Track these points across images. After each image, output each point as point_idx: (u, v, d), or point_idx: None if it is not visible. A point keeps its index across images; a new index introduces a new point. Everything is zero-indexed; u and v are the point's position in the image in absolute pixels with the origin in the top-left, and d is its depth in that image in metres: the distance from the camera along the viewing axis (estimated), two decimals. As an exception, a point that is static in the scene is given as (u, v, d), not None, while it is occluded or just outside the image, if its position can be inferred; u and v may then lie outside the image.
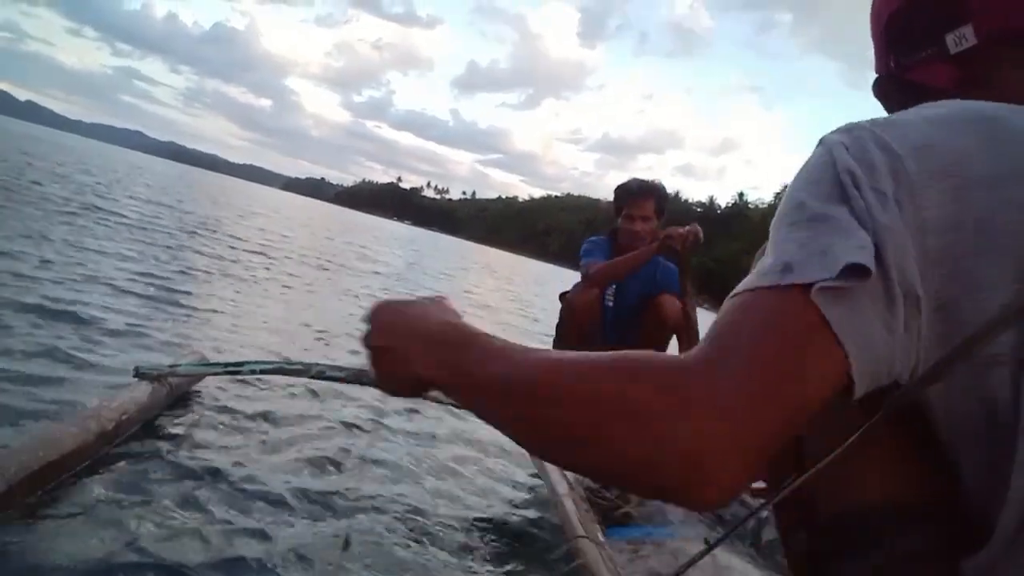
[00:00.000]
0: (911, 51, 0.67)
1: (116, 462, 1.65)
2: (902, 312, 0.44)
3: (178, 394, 2.12)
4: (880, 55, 0.72)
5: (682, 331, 2.62)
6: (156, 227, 7.61)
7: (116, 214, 7.89)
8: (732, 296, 0.46)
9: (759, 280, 0.45)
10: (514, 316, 9.76)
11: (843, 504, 0.55)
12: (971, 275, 0.45)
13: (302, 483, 1.84)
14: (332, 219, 40.28)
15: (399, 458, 2.25)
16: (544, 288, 19.86)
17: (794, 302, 0.43)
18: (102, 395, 1.93)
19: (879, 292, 0.43)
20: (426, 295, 0.67)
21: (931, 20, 0.64)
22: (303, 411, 2.46)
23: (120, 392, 1.86)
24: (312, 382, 2.55)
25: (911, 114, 0.54)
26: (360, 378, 2.14)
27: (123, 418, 1.73)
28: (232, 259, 6.74)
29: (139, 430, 1.84)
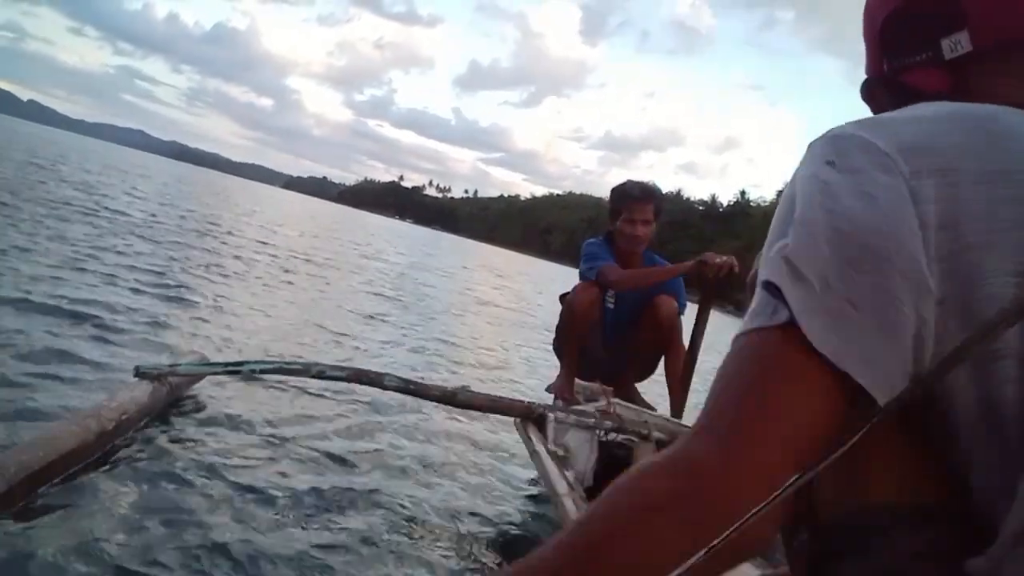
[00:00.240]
0: (905, 54, 0.66)
1: (116, 461, 1.65)
2: (910, 315, 0.45)
3: (178, 394, 2.13)
4: (872, 57, 0.71)
5: (676, 336, 2.60)
6: (158, 226, 7.63)
7: (119, 212, 7.92)
8: (734, 339, 0.49)
9: (751, 321, 0.47)
10: (514, 313, 9.82)
11: (845, 504, 0.54)
12: (969, 271, 0.45)
13: (302, 482, 1.84)
14: (335, 218, 40.33)
15: (399, 457, 2.25)
16: (545, 286, 19.87)
17: (780, 341, 0.45)
18: (102, 394, 1.94)
19: (875, 305, 0.45)
20: None
21: (927, 24, 0.64)
22: (303, 410, 2.46)
23: (120, 392, 1.86)
24: (312, 381, 2.55)
25: (901, 113, 0.54)
26: (360, 377, 2.14)
27: (123, 418, 1.74)
28: (235, 258, 6.76)
29: (139, 430, 1.84)
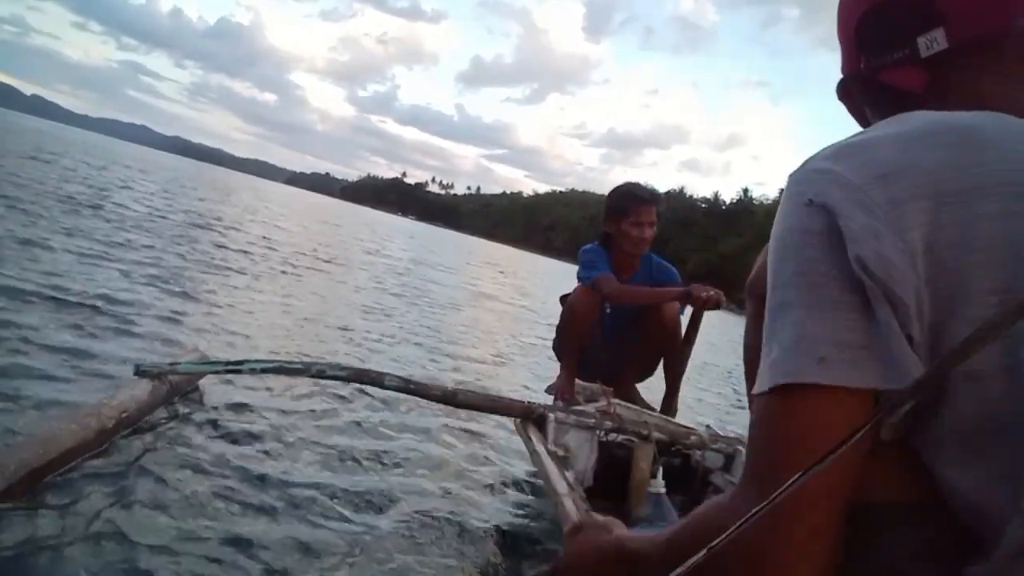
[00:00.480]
0: (882, 52, 0.66)
1: (116, 459, 1.65)
2: (901, 346, 0.47)
3: (178, 392, 2.13)
4: (849, 55, 0.71)
5: (678, 337, 2.62)
6: (161, 222, 7.64)
7: (122, 207, 7.93)
8: (755, 395, 0.52)
9: (771, 378, 0.50)
10: (515, 308, 9.84)
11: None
12: (951, 294, 0.46)
13: (302, 480, 1.84)
14: (338, 214, 40.36)
15: (399, 456, 2.26)
16: (546, 282, 19.89)
17: (807, 402, 0.48)
18: (102, 393, 1.94)
19: (884, 341, 0.47)
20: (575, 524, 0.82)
21: (903, 22, 0.63)
22: (302, 410, 2.46)
23: (120, 390, 1.86)
24: (312, 381, 2.55)
25: (877, 133, 0.53)
26: (360, 377, 2.14)
27: (123, 416, 1.74)
28: (237, 253, 6.75)
29: (139, 428, 1.84)
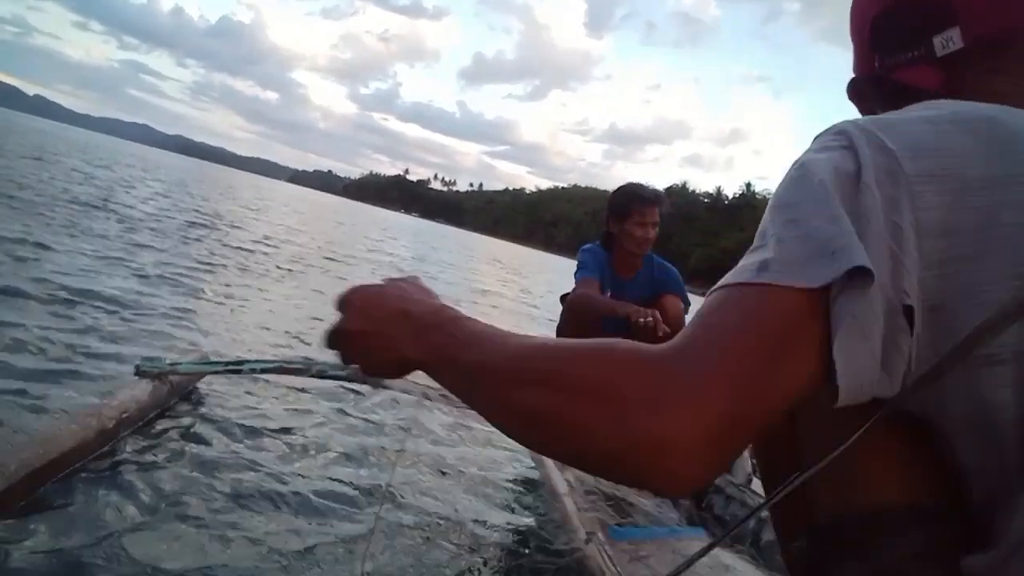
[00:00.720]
0: (897, 51, 0.66)
1: (116, 460, 1.65)
2: (885, 322, 0.44)
3: (179, 392, 2.12)
4: (863, 54, 0.71)
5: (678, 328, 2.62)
6: (164, 222, 7.63)
7: (126, 206, 7.94)
8: (718, 288, 0.46)
9: (747, 275, 0.44)
10: (516, 303, 9.86)
11: (842, 505, 0.54)
12: (968, 277, 0.45)
13: (302, 481, 1.84)
14: (341, 212, 40.40)
15: (399, 456, 2.25)
16: (548, 278, 19.89)
17: (780, 300, 0.43)
18: (103, 393, 1.94)
19: (866, 301, 0.43)
20: (399, 276, 0.67)
21: (919, 21, 0.64)
22: (303, 409, 2.46)
23: (121, 390, 1.86)
24: (313, 380, 2.55)
25: (906, 113, 0.53)
26: (361, 377, 2.13)
27: (123, 416, 1.73)
28: (241, 252, 6.74)
29: (139, 428, 1.84)
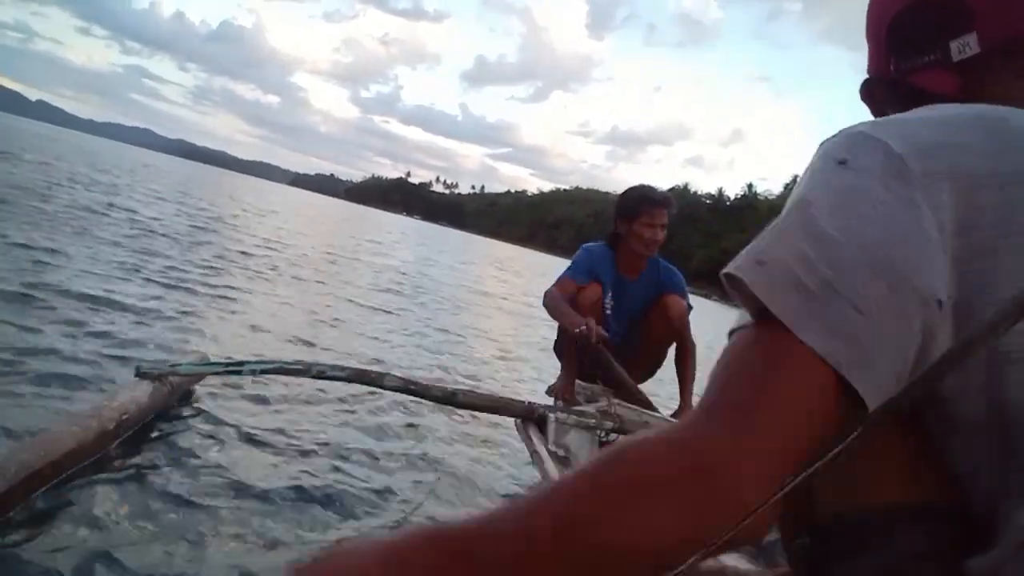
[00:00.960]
0: (914, 55, 0.66)
1: (117, 461, 1.65)
2: (922, 337, 0.44)
3: (179, 394, 2.13)
4: (878, 57, 0.71)
5: (687, 335, 2.62)
6: (166, 225, 7.63)
7: (129, 211, 7.96)
8: (732, 332, 0.48)
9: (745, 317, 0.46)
10: (517, 305, 9.85)
11: (844, 504, 0.54)
12: (983, 274, 0.45)
13: (302, 482, 1.84)
14: (343, 215, 40.40)
15: (399, 457, 2.25)
16: (550, 280, 19.76)
17: (777, 339, 0.44)
18: (103, 394, 1.94)
19: (885, 311, 0.44)
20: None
21: (936, 26, 0.63)
22: (303, 410, 2.47)
23: (121, 391, 1.86)
24: (313, 381, 2.55)
25: (913, 114, 0.53)
26: (361, 377, 2.14)
27: (124, 417, 1.74)
28: (242, 257, 6.75)
29: (140, 429, 1.84)
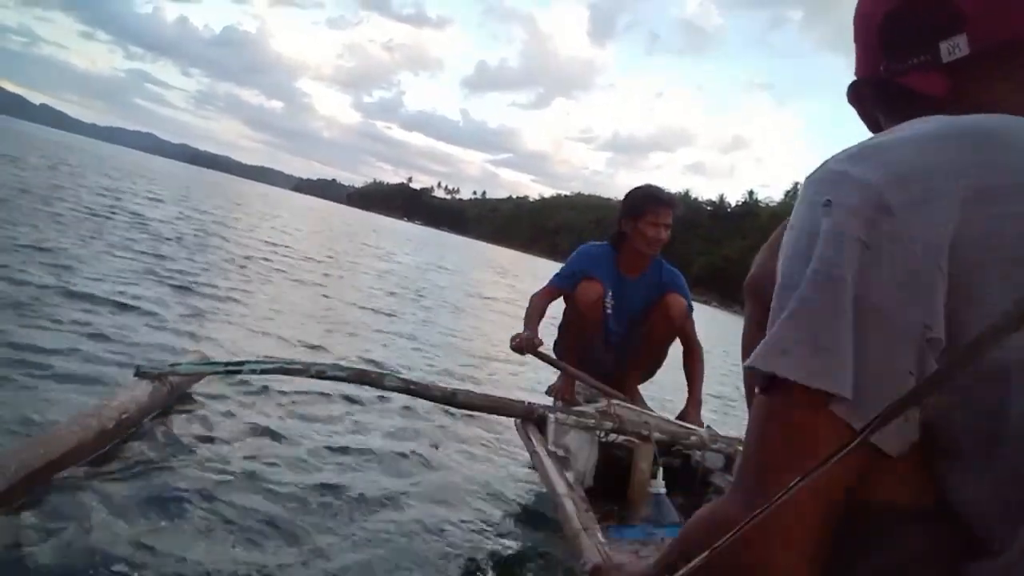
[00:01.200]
0: (903, 56, 0.66)
1: (116, 461, 1.65)
2: (916, 368, 0.47)
3: (179, 393, 2.12)
4: (867, 58, 0.71)
5: (691, 335, 2.63)
6: (170, 228, 7.66)
7: (133, 213, 7.98)
8: (756, 395, 0.53)
9: (772, 365, 0.50)
10: (519, 308, 9.85)
11: (846, 505, 0.54)
12: (972, 289, 0.45)
13: (303, 482, 1.83)
14: (345, 220, 40.54)
15: (399, 457, 2.25)
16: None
17: (816, 411, 0.49)
18: (103, 394, 1.94)
19: (882, 362, 0.47)
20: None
21: (926, 26, 0.63)
22: (303, 411, 2.46)
23: (121, 391, 1.86)
24: (314, 381, 2.55)
25: (893, 136, 0.53)
26: (361, 378, 2.13)
27: (123, 417, 1.73)
28: (245, 260, 6.75)
29: (139, 429, 1.84)
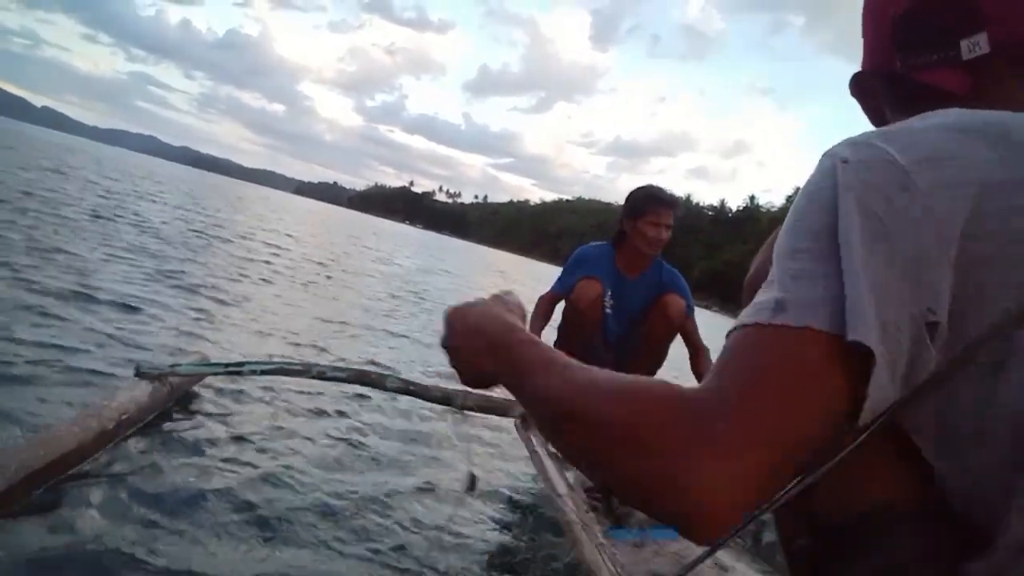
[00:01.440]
0: (922, 51, 0.65)
1: (116, 461, 1.65)
2: (911, 348, 0.45)
3: (179, 394, 2.12)
4: (879, 51, 0.70)
5: (694, 335, 2.63)
6: (173, 231, 7.66)
7: (136, 215, 7.98)
8: (738, 327, 0.47)
9: (768, 316, 0.45)
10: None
11: (844, 507, 0.54)
12: (981, 283, 0.45)
13: (303, 482, 1.83)
14: (347, 223, 40.60)
15: (400, 457, 2.25)
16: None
17: (805, 344, 0.43)
18: (103, 394, 1.93)
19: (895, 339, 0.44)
20: (499, 292, 0.77)
21: (946, 23, 0.63)
22: (303, 411, 2.46)
23: (121, 391, 1.86)
24: (314, 382, 2.55)
25: (917, 123, 0.53)
26: (361, 378, 2.13)
27: (123, 417, 1.73)
28: (247, 262, 6.75)
29: (139, 429, 1.83)
